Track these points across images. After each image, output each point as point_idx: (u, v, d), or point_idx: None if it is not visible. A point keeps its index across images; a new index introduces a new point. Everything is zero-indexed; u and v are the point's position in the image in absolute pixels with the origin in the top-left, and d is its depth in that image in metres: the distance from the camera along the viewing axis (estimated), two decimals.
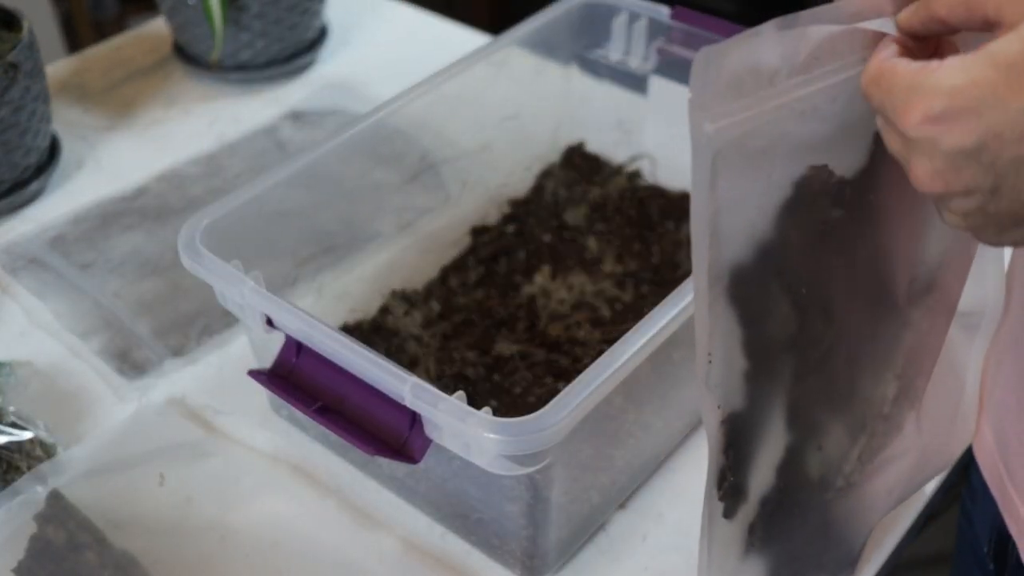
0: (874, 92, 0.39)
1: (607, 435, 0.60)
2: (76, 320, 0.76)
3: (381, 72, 1.02)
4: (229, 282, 0.58)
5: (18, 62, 0.80)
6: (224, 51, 0.97)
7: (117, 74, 1.03)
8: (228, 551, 0.61)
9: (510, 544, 0.59)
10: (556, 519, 0.57)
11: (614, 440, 0.61)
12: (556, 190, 0.84)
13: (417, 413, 0.51)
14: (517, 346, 0.69)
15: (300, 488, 0.65)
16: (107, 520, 0.62)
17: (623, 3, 0.81)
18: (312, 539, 0.62)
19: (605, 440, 0.60)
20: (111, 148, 0.94)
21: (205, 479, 0.65)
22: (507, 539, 0.59)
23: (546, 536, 0.58)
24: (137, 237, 0.83)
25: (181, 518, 0.63)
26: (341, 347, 0.53)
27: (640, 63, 0.82)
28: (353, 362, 0.53)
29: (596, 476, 0.61)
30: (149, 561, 0.60)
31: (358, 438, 0.53)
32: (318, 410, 0.54)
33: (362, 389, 0.54)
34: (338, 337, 0.54)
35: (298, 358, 0.56)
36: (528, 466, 0.51)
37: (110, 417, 0.69)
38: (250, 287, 0.57)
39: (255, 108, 0.98)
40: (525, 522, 0.57)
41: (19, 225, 0.85)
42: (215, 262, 0.58)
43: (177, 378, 0.72)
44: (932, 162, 0.37)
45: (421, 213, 0.79)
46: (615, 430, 0.61)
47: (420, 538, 0.62)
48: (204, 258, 0.59)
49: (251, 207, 0.63)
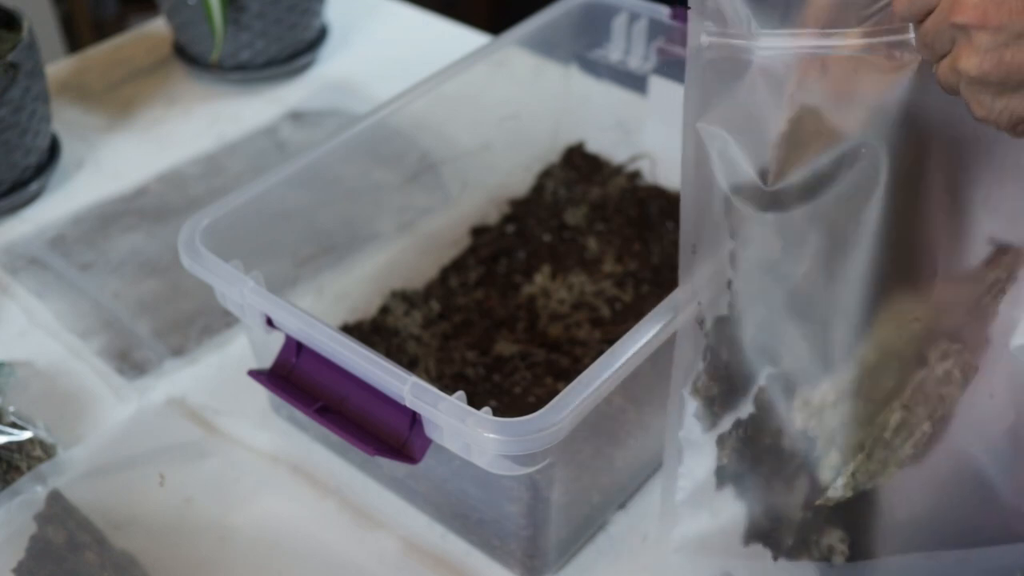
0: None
1: (607, 435, 0.60)
2: (76, 320, 0.76)
3: (381, 72, 1.02)
4: (229, 282, 0.58)
5: (18, 62, 0.80)
6: (224, 51, 0.97)
7: (117, 74, 1.03)
8: (228, 551, 0.61)
9: (510, 544, 0.59)
10: (556, 519, 0.57)
11: (614, 440, 0.61)
12: (556, 190, 0.84)
13: (417, 413, 0.51)
14: (517, 346, 0.69)
15: (300, 488, 0.65)
16: (107, 520, 0.62)
17: (623, 3, 0.81)
18: (312, 539, 0.62)
19: (605, 440, 0.60)
20: (111, 148, 0.94)
21: (205, 479, 0.65)
22: (507, 539, 0.59)
23: (546, 536, 0.58)
24: (137, 237, 0.83)
25: (181, 518, 0.63)
26: (341, 347, 0.53)
27: (640, 63, 0.82)
28: (353, 362, 0.53)
29: (596, 476, 0.61)
30: (149, 561, 0.60)
31: (358, 438, 0.53)
32: (318, 410, 0.54)
33: (362, 389, 0.54)
34: (338, 337, 0.54)
35: (298, 358, 0.57)
36: (528, 466, 0.51)
37: (110, 417, 0.69)
38: (250, 287, 0.57)
39: (255, 108, 0.98)
40: (525, 522, 0.57)
41: (19, 225, 0.85)
42: (215, 262, 0.58)
43: (177, 378, 0.72)
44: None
45: (421, 213, 0.79)
46: (615, 430, 0.61)
47: (420, 538, 0.62)
48: (204, 258, 0.59)
49: (251, 207, 0.63)
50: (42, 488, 0.62)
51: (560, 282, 0.74)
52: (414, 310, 0.72)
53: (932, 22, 0.41)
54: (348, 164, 0.69)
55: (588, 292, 0.73)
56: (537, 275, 0.76)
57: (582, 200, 0.82)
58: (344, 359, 0.54)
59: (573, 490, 0.58)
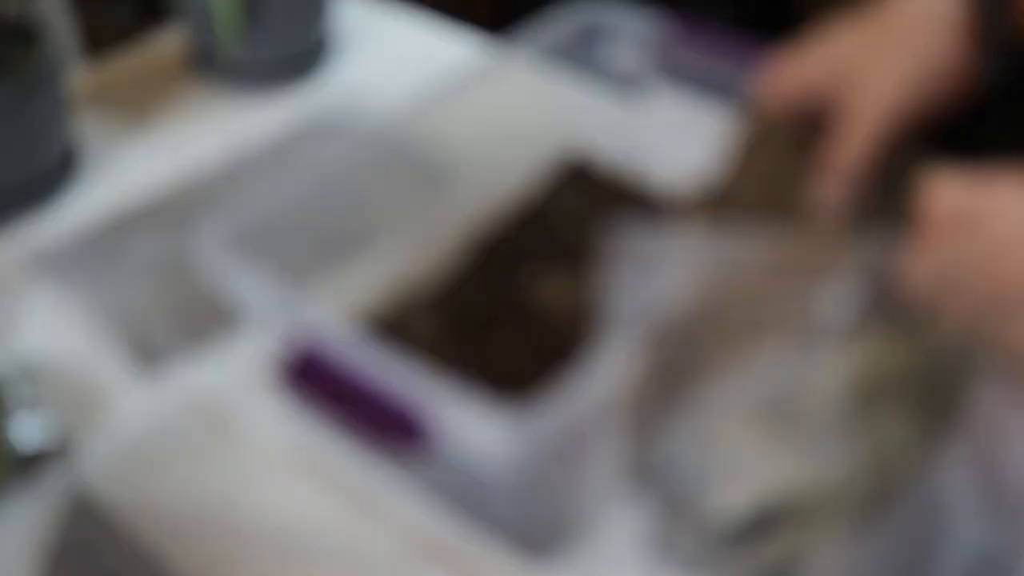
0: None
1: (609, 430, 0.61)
2: (95, 319, 0.78)
3: (388, 80, 1.03)
4: (242, 283, 0.60)
5: (37, 72, 0.82)
6: (237, 59, 0.99)
7: (134, 83, 1.05)
8: (241, 545, 0.63)
9: (513, 537, 0.60)
10: (558, 512, 0.59)
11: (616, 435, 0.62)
12: (557, 195, 0.85)
13: (423, 409, 0.53)
14: (519, 345, 0.70)
15: (311, 483, 0.66)
16: (127, 516, 0.64)
17: (623, 12, 0.82)
18: (319, 533, 0.64)
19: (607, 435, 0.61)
20: (128, 154, 0.96)
21: (221, 475, 0.67)
22: (510, 532, 0.60)
23: (548, 530, 0.59)
24: (154, 240, 0.86)
25: (196, 513, 0.65)
26: (350, 345, 0.55)
27: (639, 71, 0.83)
28: (363, 359, 0.55)
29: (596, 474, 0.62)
30: (164, 555, 0.62)
31: (365, 434, 0.55)
32: (328, 406, 0.56)
33: (369, 386, 0.55)
34: (347, 335, 0.56)
35: (309, 356, 0.58)
36: (531, 459, 0.52)
37: (130, 413, 0.71)
38: (262, 287, 0.59)
39: (268, 116, 1.00)
40: (527, 516, 0.59)
41: (40, 229, 0.87)
42: (229, 263, 0.61)
43: (194, 375, 0.74)
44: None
45: (426, 216, 0.81)
46: None
47: (424, 532, 0.63)
48: (218, 259, 0.61)
49: (263, 211, 0.65)
50: (63, 483, 0.64)
51: (561, 283, 0.76)
52: (420, 309, 0.74)
53: (970, 303, 0.40)
54: (356, 169, 0.72)
55: (588, 292, 0.75)
56: (539, 276, 0.77)
57: (582, 203, 0.84)
58: (354, 356, 0.55)
59: (575, 484, 0.60)
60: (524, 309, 0.75)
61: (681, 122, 0.82)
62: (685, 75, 0.81)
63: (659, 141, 0.85)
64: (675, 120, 0.82)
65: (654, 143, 0.86)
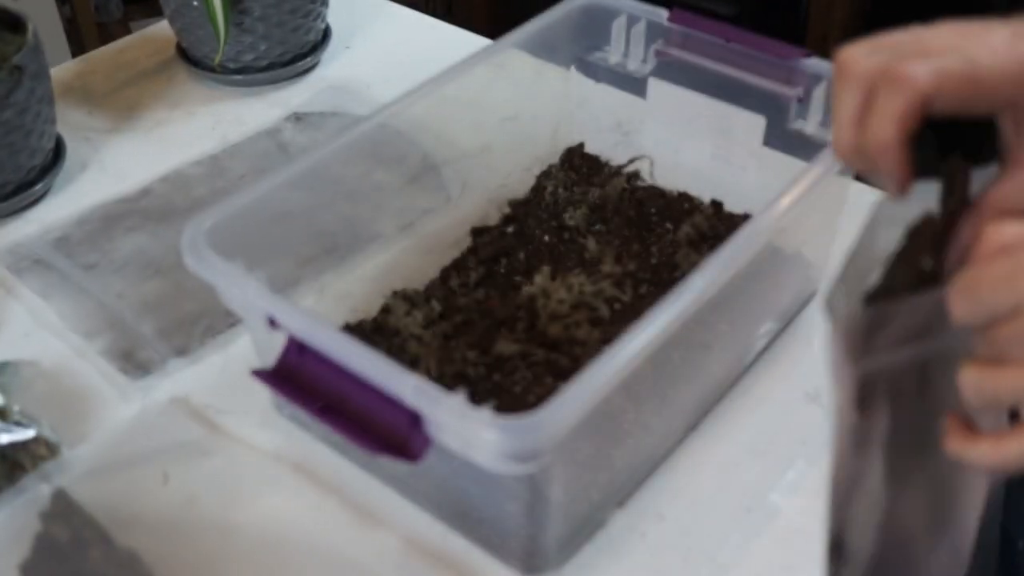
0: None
1: (607, 434, 0.61)
2: (80, 320, 0.77)
3: (382, 74, 1.03)
4: (232, 282, 0.59)
5: (23, 65, 0.81)
6: (227, 53, 0.97)
7: (121, 76, 1.04)
8: (230, 549, 0.62)
9: (510, 542, 0.60)
10: (556, 517, 0.58)
11: (614, 439, 0.62)
12: (556, 191, 0.84)
13: (418, 412, 0.52)
14: (517, 346, 0.69)
15: (302, 487, 0.65)
16: (111, 518, 0.63)
17: (622, 6, 0.81)
18: (314, 538, 0.63)
19: (605, 439, 0.61)
20: (115, 150, 0.94)
21: (208, 478, 0.66)
22: (507, 537, 0.59)
23: (546, 534, 0.58)
24: (141, 238, 0.84)
25: (184, 516, 0.64)
26: (343, 347, 0.54)
27: (639, 65, 0.83)
28: (355, 362, 0.54)
29: (596, 475, 0.61)
30: (152, 559, 0.61)
31: (360, 437, 0.53)
32: (320, 409, 0.55)
33: (363, 389, 0.54)
34: (340, 337, 0.54)
35: (300, 358, 0.57)
36: (528, 465, 0.51)
37: (114, 416, 0.70)
38: (252, 287, 0.58)
39: (258, 110, 0.98)
40: (525, 520, 0.58)
41: (24, 226, 0.86)
42: (218, 262, 0.59)
43: (180, 378, 0.72)
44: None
45: (422, 214, 0.80)
46: (615, 430, 0.61)
47: (421, 537, 0.62)
48: (207, 258, 0.59)
49: (254, 208, 0.64)
50: (47, 486, 0.63)
51: (560, 282, 0.75)
52: (415, 310, 0.73)
53: (1014, 330, 0.38)
54: (350, 165, 0.70)
55: (587, 292, 0.74)
56: (537, 275, 0.76)
57: (581, 201, 0.83)
58: (346, 359, 0.54)
59: (573, 488, 0.59)
60: (522, 309, 0.74)
61: (679, 116, 0.82)
62: (684, 69, 0.80)
63: (658, 135, 0.84)
64: (674, 113, 0.82)
65: (653, 137, 0.85)
